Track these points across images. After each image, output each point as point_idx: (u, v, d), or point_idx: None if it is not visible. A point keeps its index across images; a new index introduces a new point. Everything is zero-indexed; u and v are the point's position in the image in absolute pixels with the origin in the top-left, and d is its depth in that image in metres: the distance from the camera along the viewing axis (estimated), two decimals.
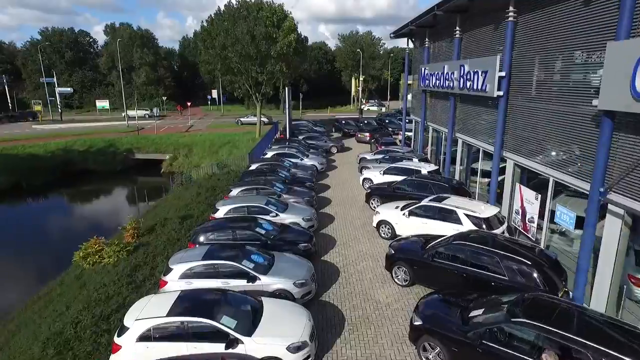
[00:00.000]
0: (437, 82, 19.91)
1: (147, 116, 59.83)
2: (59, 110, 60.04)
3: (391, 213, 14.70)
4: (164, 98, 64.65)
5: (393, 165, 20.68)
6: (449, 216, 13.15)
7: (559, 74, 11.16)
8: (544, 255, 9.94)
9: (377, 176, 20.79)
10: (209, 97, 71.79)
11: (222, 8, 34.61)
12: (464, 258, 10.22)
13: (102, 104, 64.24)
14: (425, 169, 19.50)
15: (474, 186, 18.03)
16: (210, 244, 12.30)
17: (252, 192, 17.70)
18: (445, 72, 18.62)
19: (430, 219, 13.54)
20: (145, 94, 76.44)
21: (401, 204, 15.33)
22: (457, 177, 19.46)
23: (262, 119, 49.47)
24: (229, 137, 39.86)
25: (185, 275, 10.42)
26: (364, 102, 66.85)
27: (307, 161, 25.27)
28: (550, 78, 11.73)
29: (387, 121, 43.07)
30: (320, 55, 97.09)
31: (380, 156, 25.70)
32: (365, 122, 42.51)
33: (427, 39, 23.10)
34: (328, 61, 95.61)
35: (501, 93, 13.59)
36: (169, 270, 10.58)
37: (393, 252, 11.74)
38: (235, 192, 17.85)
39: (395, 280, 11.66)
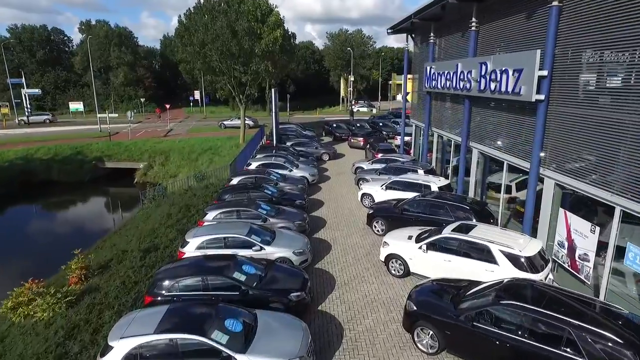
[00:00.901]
0: (447, 82, 17.20)
1: (47, 121, 53.85)
2: (27, 113, 55.65)
3: (403, 245, 11.88)
4: (142, 100, 60.70)
5: (396, 178, 17.88)
6: (479, 253, 10.38)
7: (633, 74, 8.48)
8: (631, 323, 7.21)
9: (378, 191, 18.00)
10: (191, 98, 68.22)
11: (202, 1, 31.37)
12: (519, 324, 7.44)
13: (76, 106, 60.03)
14: (435, 183, 16.75)
15: (492, 202, 15.41)
16: (172, 298, 9.35)
17: (232, 216, 14.73)
18: (458, 71, 15.92)
19: (454, 255, 10.77)
20: (123, 95, 72.48)
21: (414, 231, 12.54)
22: (471, 192, 16.78)
23: (247, 122, 46.36)
24: (211, 142, 36.61)
25: (131, 357, 7.39)
26: (353, 102, 64.14)
27: (297, 172, 22.33)
28: (614, 79, 9.07)
29: (380, 124, 40.40)
30: (308, 54, 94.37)
31: (378, 166, 22.94)
32: (358, 125, 39.77)
33: (432, 34, 20.39)
34: (315, 61, 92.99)
35: (542, 97, 10.88)
36: (107, 349, 7.53)
37: (415, 308, 8.90)
38: (211, 215, 14.81)
39: (419, 345, 8.82)
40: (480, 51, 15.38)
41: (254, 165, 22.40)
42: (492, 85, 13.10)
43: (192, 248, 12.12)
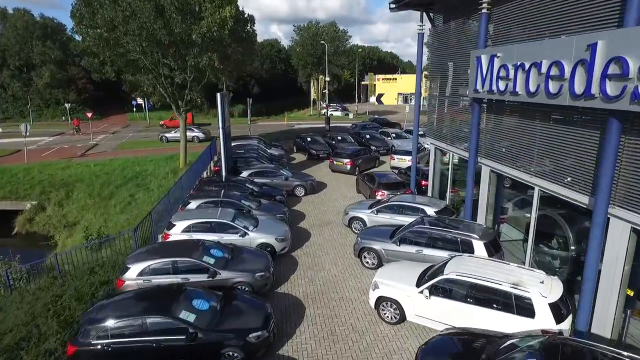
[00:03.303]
0: (552, 84, 8.57)
1: None
2: None
3: None
4: (68, 105, 48.87)
5: (453, 275, 8.92)
6: None
7: None
8: None
9: (414, 297, 9.15)
10: (134, 102, 57.04)
11: None
12: None
13: None
14: (537, 289, 8.07)
15: None
16: None
17: None
18: (597, 59, 7.29)
19: None
20: (49, 99, 60.05)
21: None
22: (609, 308, 8.22)
23: (195, 134, 36.57)
24: (140, 166, 26.54)
25: None
26: (325, 106, 55.15)
27: (255, 235, 13.10)
28: None
29: (367, 136, 31.70)
30: (273, 52, 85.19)
31: (387, 217, 14.31)
32: (339, 138, 30.86)
33: (483, 1, 11.72)
34: (282, 60, 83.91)
35: None
36: None
37: None
38: None
39: None
40: None
41: (180, 227, 12.91)
42: None
43: None
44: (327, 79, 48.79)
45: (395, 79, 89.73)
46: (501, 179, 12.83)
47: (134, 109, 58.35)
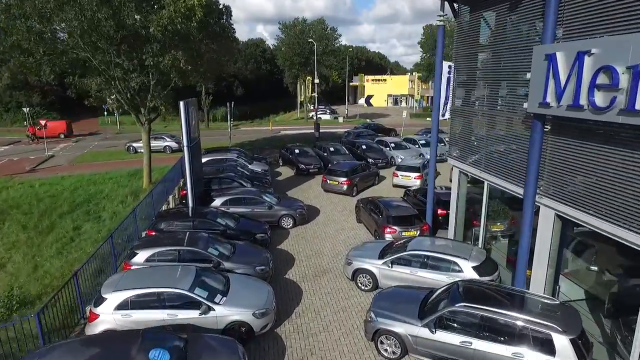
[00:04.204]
0: None
1: None
2: None
3: None
4: (27, 109, 43.80)
5: None
6: None
7: None
8: None
9: None
10: (104, 106, 52.07)
11: None
12: None
13: None
14: None
15: None
16: None
17: None
18: None
19: None
20: (9, 103, 54.66)
21: None
22: None
23: (168, 143, 32.38)
24: (96, 185, 22.22)
25: None
26: (313, 108, 51.08)
27: (224, 308, 9.13)
28: None
29: (363, 146, 27.95)
30: (258, 52, 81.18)
31: (407, 271, 10.83)
32: (331, 149, 26.98)
33: None
34: (267, 60, 79.95)
35: None
36: None
37: None
38: None
39: None
40: None
41: (113, 303, 8.85)
42: None
43: None
44: (317, 80, 44.82)
45: (385, 80, 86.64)
46: (568, 225, 9.21)
47: (105, 113, 53.46)
